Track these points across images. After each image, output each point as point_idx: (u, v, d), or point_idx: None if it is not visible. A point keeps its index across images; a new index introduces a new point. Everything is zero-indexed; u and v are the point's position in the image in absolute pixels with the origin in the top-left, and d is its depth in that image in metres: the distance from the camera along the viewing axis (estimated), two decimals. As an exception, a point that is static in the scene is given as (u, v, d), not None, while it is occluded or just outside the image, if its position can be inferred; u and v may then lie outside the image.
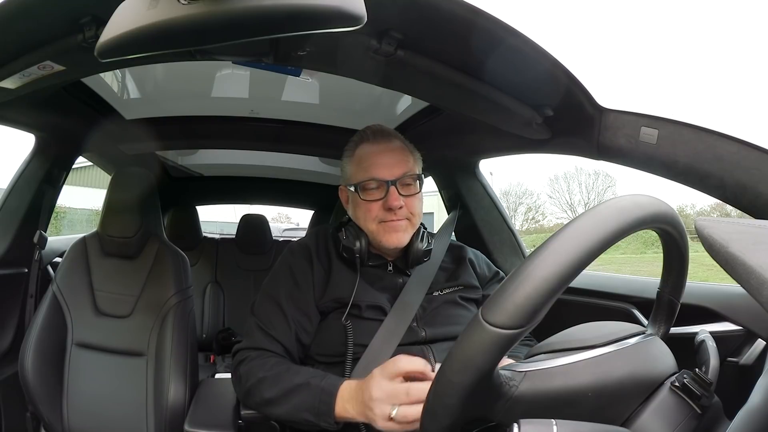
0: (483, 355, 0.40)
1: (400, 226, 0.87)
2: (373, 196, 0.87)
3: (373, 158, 0.89)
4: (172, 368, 1.17)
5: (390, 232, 0.87)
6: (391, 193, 0.86)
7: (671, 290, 0.55)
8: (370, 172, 0.87)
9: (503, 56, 0.76)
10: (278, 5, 0.41)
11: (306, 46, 0.75)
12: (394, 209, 0.86)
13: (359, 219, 0.90)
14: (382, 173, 0.87)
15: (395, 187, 0.86)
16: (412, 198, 0.89)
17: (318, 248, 0.94)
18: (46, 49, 0.73)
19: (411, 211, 0.89)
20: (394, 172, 0.87)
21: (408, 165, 0.90)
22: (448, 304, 0.91)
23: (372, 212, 0.87)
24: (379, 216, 0.87)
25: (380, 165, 0.88)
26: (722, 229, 0.36)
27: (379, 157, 0.89)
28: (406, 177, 0.88)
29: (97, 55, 0.45)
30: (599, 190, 19.35)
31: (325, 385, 0.75)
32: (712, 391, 0.47)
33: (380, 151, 0.90)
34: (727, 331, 0.84)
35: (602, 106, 0.85)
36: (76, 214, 10.51)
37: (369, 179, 0.87)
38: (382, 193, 0.87)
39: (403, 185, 0.88)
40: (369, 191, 0.88)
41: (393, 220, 0.87)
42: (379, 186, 0.87)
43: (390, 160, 0.88)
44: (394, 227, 0.87)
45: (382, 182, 0.87)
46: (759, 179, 0.67)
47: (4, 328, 1.24)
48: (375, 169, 0.87)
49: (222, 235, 2.80)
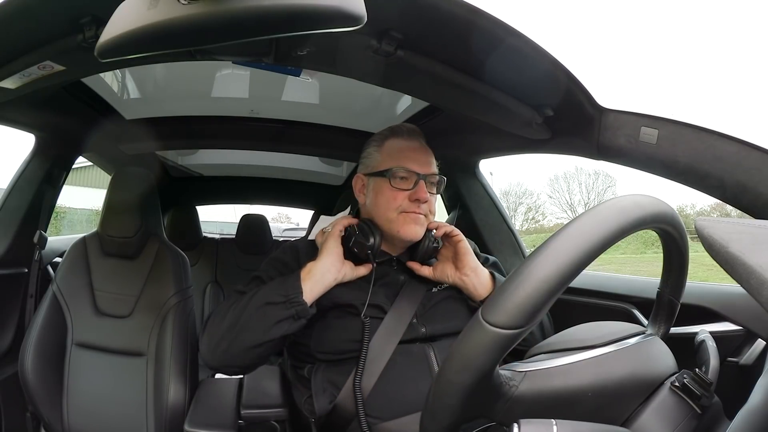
0: (483, 355, 0.40)
1: (420, 219, 0.89)
2: (401, 185, 0.89)
3: (407, 151, 0.91)
4: (172, 368, 1.17)
5: (410, 222, 0.88)
6: (421, 186, 0.88)
7: (671, 290, 0.55)
8: (404, 162, 0.89)
9: (503, 56, 0.76)
10: (278, 5, 0.41)
11: (306, 46, 0.76)
12: (420, 201, 0.88)
13: (379, 206, 0.90)
14: (415, 166, 0.89)
15: (424, 182, 0.89)
16: (432, 197, 0.92)
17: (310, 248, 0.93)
18: (46, 49, 0.73)
19: (430, 208, 0.91)
20: (426, 168, 0.90)
21: (434, 166, 0.93)
22: (447, 300, 0.91)
23: (396, 201, 0.88)
24: (402, 206, 0.88)
25: (413, 158, 0.90)
26: (722, 229, 0.36)
27: (412, 151, 0.91)
28: (433, 175, 0.92)
29: (97, 55, 0.45)
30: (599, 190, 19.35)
31: (285, 278, 0.83)
32: (712, 391, 0.47)
33: (414, 146, 0.92)
34: (727, 331, 0.84)
35: (602, 106, 0.85)
36: (76, 214, 10.50)
37: (401, 168, 0.89)
38: (410, 184, 0.89)
39: (429, 183, 0.91)
40: (398, 179, 0.89)
41: (415, 211, 0.88)
42: (409, 177, 0.89)
43: (422, 156, 0.91)
44: (414, 218, 0.88)
45: (412, 174, 0.89)
46: (759, 179, 0.67)
47: (4, 328, 1.24)
48: (408, 161, 0.89)
49: (222, 235, 2.80)
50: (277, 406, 0.98)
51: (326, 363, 0.86)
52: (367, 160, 0.95)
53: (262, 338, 0.79)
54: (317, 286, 0.82)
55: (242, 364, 0.84)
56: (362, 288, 0.88)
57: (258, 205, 2.78)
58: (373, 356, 0.82)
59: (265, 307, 0.80)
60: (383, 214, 0.90)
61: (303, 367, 0.90)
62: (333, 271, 0.84)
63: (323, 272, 0.83)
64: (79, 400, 1.17)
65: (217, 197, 2.67)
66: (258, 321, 0.79)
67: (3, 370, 1.20)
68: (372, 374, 0.81)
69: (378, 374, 0.81)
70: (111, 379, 1.19)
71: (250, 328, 0.80)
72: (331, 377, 0.85)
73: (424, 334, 0.86)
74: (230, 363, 0.83)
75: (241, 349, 0.80)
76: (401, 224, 0.88)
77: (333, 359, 0.85)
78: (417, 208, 0.88)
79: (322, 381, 0.85)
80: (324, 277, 0.83)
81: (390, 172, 0.89)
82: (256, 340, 0.79)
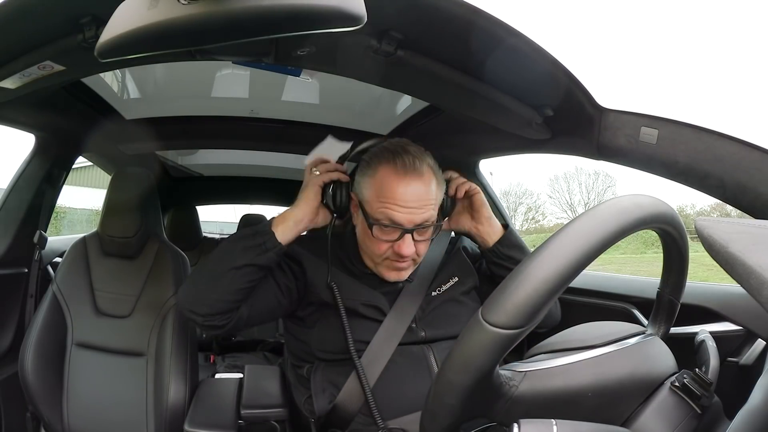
0: (483, 355, 0.40)
1: (403, 266, 0.86)
2: (385, 237, 0.82)
3: (395, 194, 0.79)
4: (172, 368, 1.16)
5: (392, 270, 0.86)
6: (404, 241, 0.80)
7: (671, 290, 0.55)
8: (390, 211, 0.79)
9: (503, 56, 0.76)
10: (278, 5, 0.41)
11: (306, 46, 0.75)
12: (402, 256, 0.82)
13: (365, 244, 0.87)
14: (401, 218, 0.79)
15: (411, 235, 0.81)
16: (423, 243, 0.84)
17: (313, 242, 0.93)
18: (46, 49, 0.73)
19: (418, 253, 0.84)
20: (415, 219, 0.80)
21: (430, 208, 0.82)
22: (447, 303, 0.91)
23: (380, 249, 0.83)
24: (386, 254, 0.84)
25: (402, 206, 0.79)
26: (722, 229, 0.36)
27: (402, 194, 0.79)
28: (425, 224, 0.82)
29: (97, 55, 0.45)
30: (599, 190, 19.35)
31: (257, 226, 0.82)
32: (712, 391, 0.47)
33: (405, 186, 0.79)
34: (727, 331, 0.84)
35: (602, 106, 0.85)
36: (76, 214, 10.50)
37: (387, 220, 0.80)
38: (395, 234, 0.81)
39: (419, 231, 0.82)
40: (383, 229, 0.81)
41: (398, 261, 0.84)
42: (395, 228, 0.81)
43: (414, 202, 0.79)
44: (396, 267, 0.85)
45: (398, 227, 0.80)
46: (759, 179, 0.67)
47: (4, 328, 1.24)
48: (396, 210, 0.79)
49: (222, 235, 2.80)
50: (277, 406, 0.98)
51: (326, 363, 0.86)
52: (358, 184, 0.86)
53: (227, 266, 0.78)
54: (289, 231, 0.82)
55: (208, 302, 0.78)
56: (362, 289, 0.88)
57: (258, 205, 2.78)
58: (372, 357, 0.82)
59: (235, 242, 0.81)
60: (368, 252, 0.87)
61: (303, 367, 0.90)
62: (306, 221, 0.85)
63: (297, 220, 0.84)
64: (79, 400, 1.17)
65: (217, 197, 2.67)
66: (225, 253, 0.80)
67: (3, 370, 1.20)
68: (372, 375, 0.81)
69: (377, 375, 0.81)
70: (111, 379, 1.19)
71: (217, 259, 0.81)
72: (331, 377, 0.85)
73: (423, 338, 0.86)
74: (197, 300, 0.79)
75: (207, 282, 0.79)
76: (384, 270, 0.87)
77: (332, 358, 0.85)
78: (400, 259, 0.83)
79: (322, 381, 0.85)
80: (297, 225, 0.84)
81: (374, 222, 0.81)
82: (222, 269, 0.78)
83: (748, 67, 28.08)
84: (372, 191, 0.82)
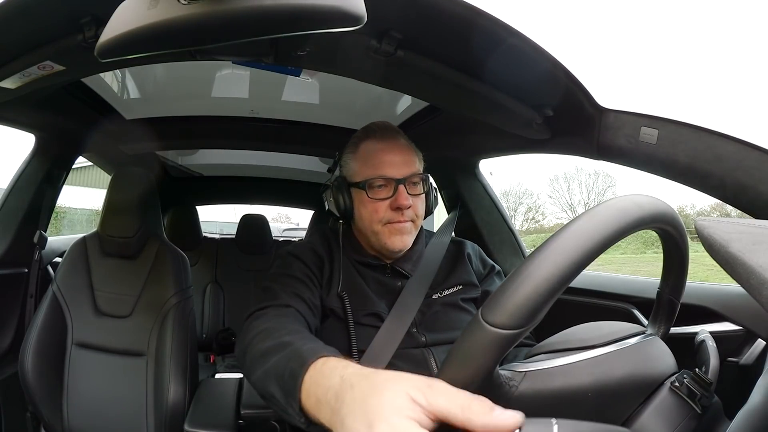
0: (483, 356, 0.40)
1: (406, 228, 0.86)
2: (380, 195, 0.85)
3: (381, 155, 0.85)
4: (172, 368, 1.17)
5: (395, 234, 0.86)
6: (400, 192, 0.84)
7: (671, 290, 0.55)
8: (379, 169, 0.84)
9: (503, 56, 0.76)
10: (278, 5, 0.41)
11: (306, 46, 0.75)
12: (402, 209, 0.84)
13: (363, 219, 0.88)
14: (391, 171, 0.84)
15: (404, 186, 0.84)
16: (418, 198, 0.87)
17: (323, 246, 0.93)
18: (46, 49, 0.73)
19: (416, 212, 0.87)
20: (403, 171, 0.85)
21: (415, 164, 0.88)
22: (447, 308, 0.89)
23: (379, 212, 0.85)
24: (386, 217, 0.85)
25: (388, 163, 0.85)
26: (722, 229, 0.36)
27: (386, 154, 0.86)
28: (414, 176, 0.86)
29: (97, 55, 0.45)
30: (599, 190, 19.38)
31: (305, 349, 0.54)
32: (712, 391, 0.47)
33: (388, 148, 0.86)
34: (727, 331, 0.84)
35: (602, 106, 0.85)
36: (76, 214, 10.50)
37: (377, 177, 0.84)
38: (389, 191, 0.84)
39: (411, 184, 0.86)
40: (376, 189, 0.85)
41: (400, 221, 0.85)
42: (387, 184, 0.84)
43: (398, 158, 0.86)
44: (399, 229, 0.86)
45: (390, 180, 0.84)
46: (759, 179, 0.67)
47: (4, 328, 1.24)
48: (383, 167, 0.84)
49: (222, 235, 2.80)
50: (277, 406, 0.98)
51: None
52: (344, 169, 0.90)
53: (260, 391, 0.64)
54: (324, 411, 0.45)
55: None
56: (361, 294, 0.87)
57: (258, 205, 2.79)
58: (372, 359, 0.82)
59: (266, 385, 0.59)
60: (368, 227, 0.87)
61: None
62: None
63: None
64: (79, 400, 1.17)
65: (217, 197, 2.67)
66: (260, 383, 0.61)
67: (3, 370, 1.21)
68: None
69: None
70: (111, 379, 1.19)
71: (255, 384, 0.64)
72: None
73: (424, 342, 0.85)
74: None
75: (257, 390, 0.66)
76: (387, 237, 0.86)
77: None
78: (401, 217, 0.85)
79: None
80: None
81: (366, 183, 0.84)
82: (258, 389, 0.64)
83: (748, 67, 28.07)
84: (358, 163, 0.88)
